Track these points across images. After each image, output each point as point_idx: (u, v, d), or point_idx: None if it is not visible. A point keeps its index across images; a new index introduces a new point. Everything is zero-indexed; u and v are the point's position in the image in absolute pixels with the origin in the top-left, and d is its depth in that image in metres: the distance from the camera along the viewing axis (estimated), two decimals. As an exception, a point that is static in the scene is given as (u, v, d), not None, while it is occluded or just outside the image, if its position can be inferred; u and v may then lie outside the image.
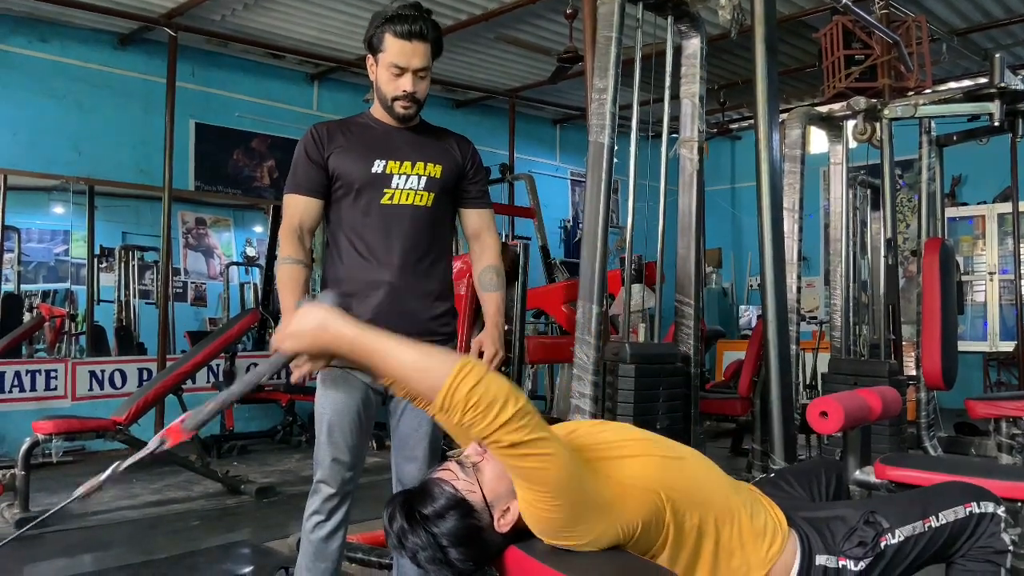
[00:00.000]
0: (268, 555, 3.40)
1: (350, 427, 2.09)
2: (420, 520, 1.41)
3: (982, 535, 1.60)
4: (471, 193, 2.25)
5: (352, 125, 2.18)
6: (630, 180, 2.94)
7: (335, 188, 2.12)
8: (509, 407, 1.31)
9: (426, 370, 1.35)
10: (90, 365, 5.87)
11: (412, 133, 2.17)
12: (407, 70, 2.06)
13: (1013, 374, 7.33)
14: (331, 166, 2.11)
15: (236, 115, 6.84)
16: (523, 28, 6.27)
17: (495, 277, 2.24)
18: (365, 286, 2.08)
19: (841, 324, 4.41)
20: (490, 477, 1.44)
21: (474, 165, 2.25)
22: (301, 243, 2.09)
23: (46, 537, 3.64)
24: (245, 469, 5.04)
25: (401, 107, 2.09)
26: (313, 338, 1.42)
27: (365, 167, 2.09)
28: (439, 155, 2.17)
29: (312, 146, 2.13)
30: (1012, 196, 6.07)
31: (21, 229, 6.51)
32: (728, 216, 9.85)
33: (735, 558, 1.52)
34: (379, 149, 2.11)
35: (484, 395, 1.30)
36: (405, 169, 2.11)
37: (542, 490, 1.36)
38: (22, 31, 5.79)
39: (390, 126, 2.16)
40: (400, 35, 2.04)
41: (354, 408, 2.08)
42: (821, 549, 1.57)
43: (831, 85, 4.40)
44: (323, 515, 2.08)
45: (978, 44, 6.73)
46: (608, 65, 2.72)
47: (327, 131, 2.15)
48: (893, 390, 2.51)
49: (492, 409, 1.30)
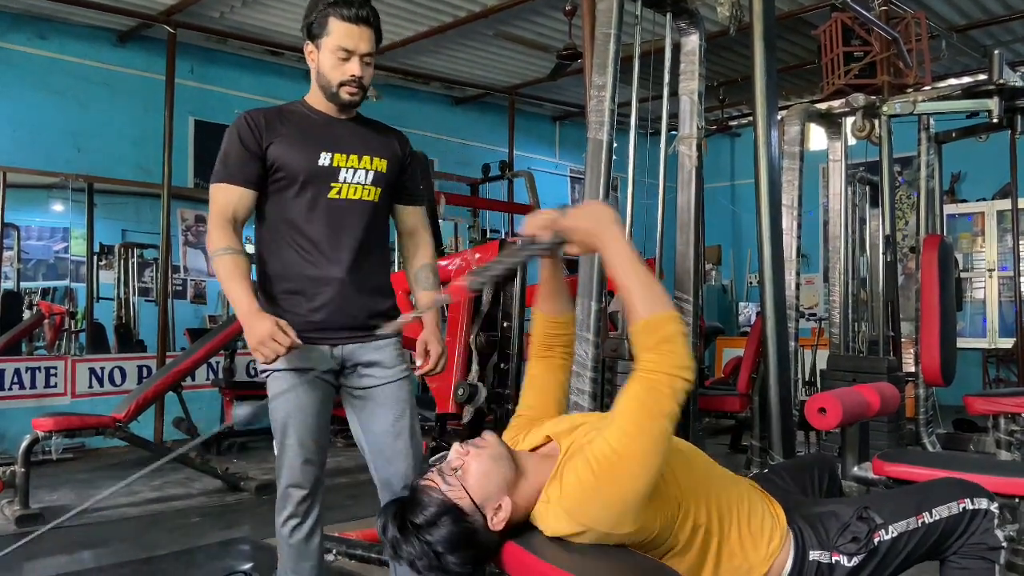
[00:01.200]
0: (268, 551, 3.40)
1: (315, 424, 2.03)
2: (413, 530, 1.42)
3: (976, 531, 1.60)
4: (408, 189, 2.20)
5: (289, 114, 2.07)
6: (629, 177, 2.94)
7: (274, 180, 2.01)
8: (688, 372, 1.38)
9: (659, 294, 1.44)
10: (90, 362, 5.88)
11: (354, 124, 2.10)
12: (354, 54, 1.97)
13: (1012, 371, 7.33)
14: (271, 156, 2.00)
15: (235, 112, 6.75)
16: (522, 25, 6.26)
17: (432, 275, 2.20)
18: (311, 283, 2.01)
19: (840, 321, 4.41)
20: (475, 478, 1.44)
21: (411, 161, 2.19)
22: (236, 233, 1.98)
23: (45, 534, 3.64)
24: (245, 466, 5.04)
25: (347, 93, 2.01)
26: (605, 222, 1.48)
27: (310, 159, 2.00)
28: (382, 149, 2.10)
29: (248, 134, 2.00)
30: (1011, 193, 6.08)
31: (21, 226, 6.51)
32: (728, 213, 9.85)
33: (737, 556, 1.52)
34: (323, 141, 2.02)
35: (684, 348, 1.40)
36: (352, 163, 2.03)
37: (621, 451, 1.35)
38: (21, 28, 5.79)
39: (330, 116, 2.07)
40: (347, 19, 1.95)
41: (313, 404, 2.02)
42: (815, 545, 1.57)
43: (830, 82, 4.41)
44: (299, 517, 2.05)
45: (977, 41, 6.73)
46: (607, 62, 2.72)
47: (264, 119, 2.03)
48: (891, 386, 2.52)
49: (682, 359, 1.38)
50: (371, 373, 2.07)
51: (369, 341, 2.05)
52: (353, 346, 2.05)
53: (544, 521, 1.45)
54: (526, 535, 1.46)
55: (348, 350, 2.04)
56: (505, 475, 1.45)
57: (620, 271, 1.46)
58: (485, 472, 1.43)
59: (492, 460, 1.46)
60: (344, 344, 2.04)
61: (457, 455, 1.47)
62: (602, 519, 1.38)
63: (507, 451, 1.50)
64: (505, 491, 1.44)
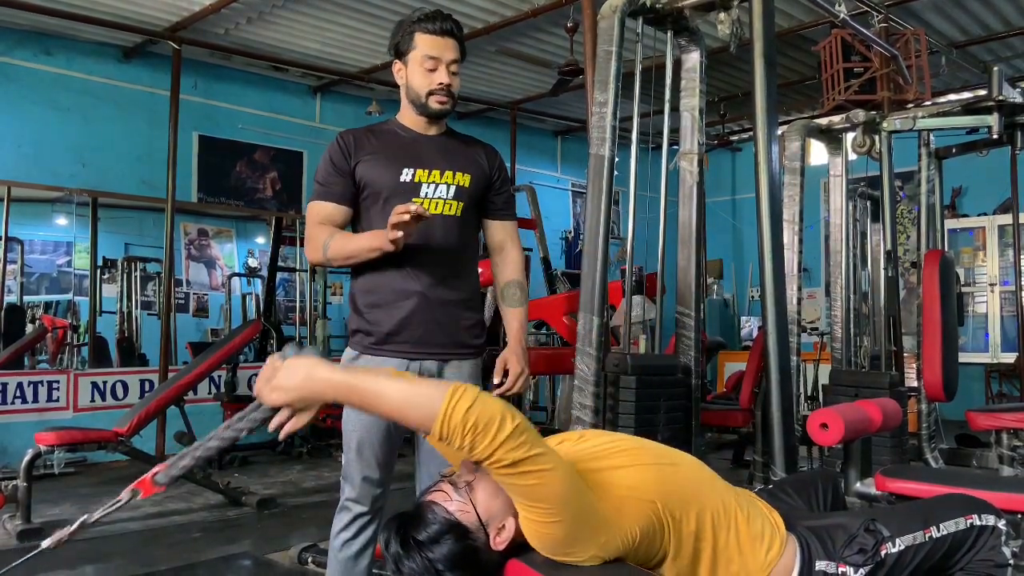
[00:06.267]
0: (269, 567, 3.40)
1: (380, 443, 2.03)
2: (415, 546, 1.41)
3: (982, 548, 1.60)
4: (496, 204, 2.22)
5: (379, 132, 2.14)
6: (631, 192, 2.95)
7: (363, 197, 2.09)
8: (507, 424, 1.30)
9: (418, 402, 1.33)
10: (92, 376, 5.87)
11: (440, 140, 2.14)
12: (441, 62, 2.05)
13: (1015, 386, 7.32)
14: (358, 174, 2.07)
15: (239, 127, 6.88)
16: (524, 41, 6.31)
17: (519, 292, 2.20)
18: (395, 295, 2.04)
19: (842, 335, 4.41)
20: (484, 496, 1.44)
21: (500, 176, 2.22)
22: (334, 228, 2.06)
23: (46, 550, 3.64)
24: (246, 481, 5.04)
25: (437, 102, 2.07)
26: (300, 390, 1.37)
27: (393, 175, 2.05)
28: (467, 164, 2.13)
29: (339, 155, 2.07)
30: (1012, 208, 6.08)
31: (24, 241, 6.54)
32: (729, 227, 9.87)
33: (734, 563, 1.52)
34: (407, 157, 2.07)
35: (481, 415, 1.29)
36: (434, 178, 2.07)
37: (543, 506, 1.36)
38: (27, 44, 5.83)
39: (418, 133, 2.13)
40: (432, 31, 2.05)
41: (384, 423, 2.01)
42: (821, 555, 1.57)
43: (830, 98, 4.42)
44: (351, 533, 2.04)
45: (977, 57, 6.76)
46: (608, 79, 2.74)
47: (354, 139, 2.10)
48: (893, 402, 2.52)
49: (491, 428, 1.29)
50: None
51: (449, 359, 2.08)
52: (431, 363, 2.07)
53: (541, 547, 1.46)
54: (530, 553, 1.46)
55: (426, 366, 2.06)
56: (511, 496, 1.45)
57: (376, 400, 1.36)
58: (494, 492, 1.43)
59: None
60: (423, 360, 2.06)
61: (468, 471, 1.47)
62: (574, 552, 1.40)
63: None
64: (510, 512, 1.44)
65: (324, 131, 7.32)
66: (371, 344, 2.06)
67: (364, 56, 6.54)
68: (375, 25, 5.90)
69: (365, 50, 6.40)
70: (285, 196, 7.20)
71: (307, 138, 7.24)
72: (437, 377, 2.06)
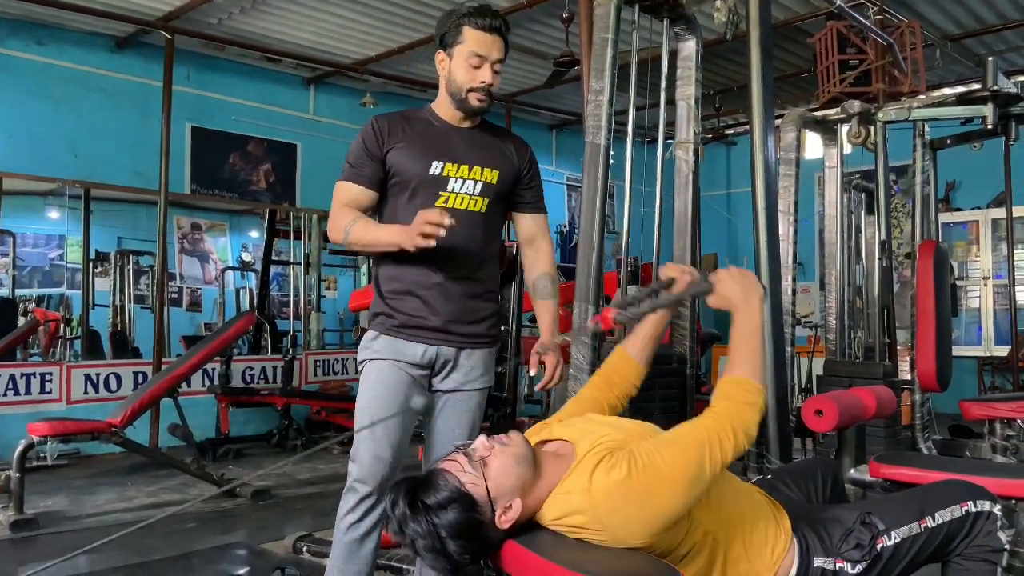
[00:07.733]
0: (264, 556, 3.39)
1: (395, 422, 2.02)
2: (422, 509, 1.42)
3: (978, 534, 1.60)
4: (526, 198, 2.23)
5: (413, 120, 2.14)
6: (626, 183, 2.95)
7: (391, 184, 2.10)
8: (749, 440, 1.48)
9: (761, 367, 1.57)
10: (85, 368, 5.85)
11: (472, 133, 2.14)
12: (487, 60, 2.05)
13: (1008, 378, 7.35)
14: (389, 161, 2.08)
15: (232, 119, 6.85)
16: (519, 32, 6.29)
17: (550, 285, 2.22)
18: (417, 285, 2.08)
19: (836, 327, 4.42)
20: (496, 472, 1.45)
21: (531, 170, 2.22)
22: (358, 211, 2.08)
23: (40, 539, 3.63)
24: (240, 472, 5.02)
25: (476, 99, 2.07)
26: (751, 293, 1.61)
27: (423, 167, 2.06)
28: (497, 159, 2.14)
29: (372, 139, 2.08)
30: (1006, 201, 6.10)
31: (16, 233, 6.51)
32: (724, 221, 9.88)
33: (742, 563, 1.53)
34: (438, 149, 2.08)
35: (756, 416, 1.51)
36: (462, 173, 2.08)
37: (661, 473, 1.40)
38: (18, 34, 5.79)
39: (451, 125, 2.13)
40: (481, 28, 2.05)
41: (401, 401, 2.03)
42: (819, 551, 1.58)
43: (826, 90, 4.43)
44: (358, 515, 2.01)
45: (972, 50, 6.77)
46: (604, 66, 2.74)
47: (388, 125, 2.10)
48: (888, 389, 2.53)
49: (751, 425, 1.49)
50: (454, 376, 2.13)
51: (463, 347, 2.12)
52: (447, 348, 2.10)
53: (553, 511, 1.46)
54: (527, 534, 1.47)
55: (443, 351, 2.10)
56: (523, 476, 1.46)
57: (745, 335, 1.59)
58: (506, 470, 1.45)
59: (514, 460, 1.47)
60: (440, 346, 2.09)
61: (484, 447, 1.48)
62: (622, 525, 1.40)
63: (530, 453, 1.51)
64: (519, 493, 1.45)
65: (318, 123, 7.30)
66: (392, 327, 2.09)
67: (358, 47, 6.52)
68: (369, 16, 5.87)
69: (359, 41, 6.38)
70: (279, 188, 7.17)
71: (301, 130, 7.21)
72: (452, 362, 2.12)
